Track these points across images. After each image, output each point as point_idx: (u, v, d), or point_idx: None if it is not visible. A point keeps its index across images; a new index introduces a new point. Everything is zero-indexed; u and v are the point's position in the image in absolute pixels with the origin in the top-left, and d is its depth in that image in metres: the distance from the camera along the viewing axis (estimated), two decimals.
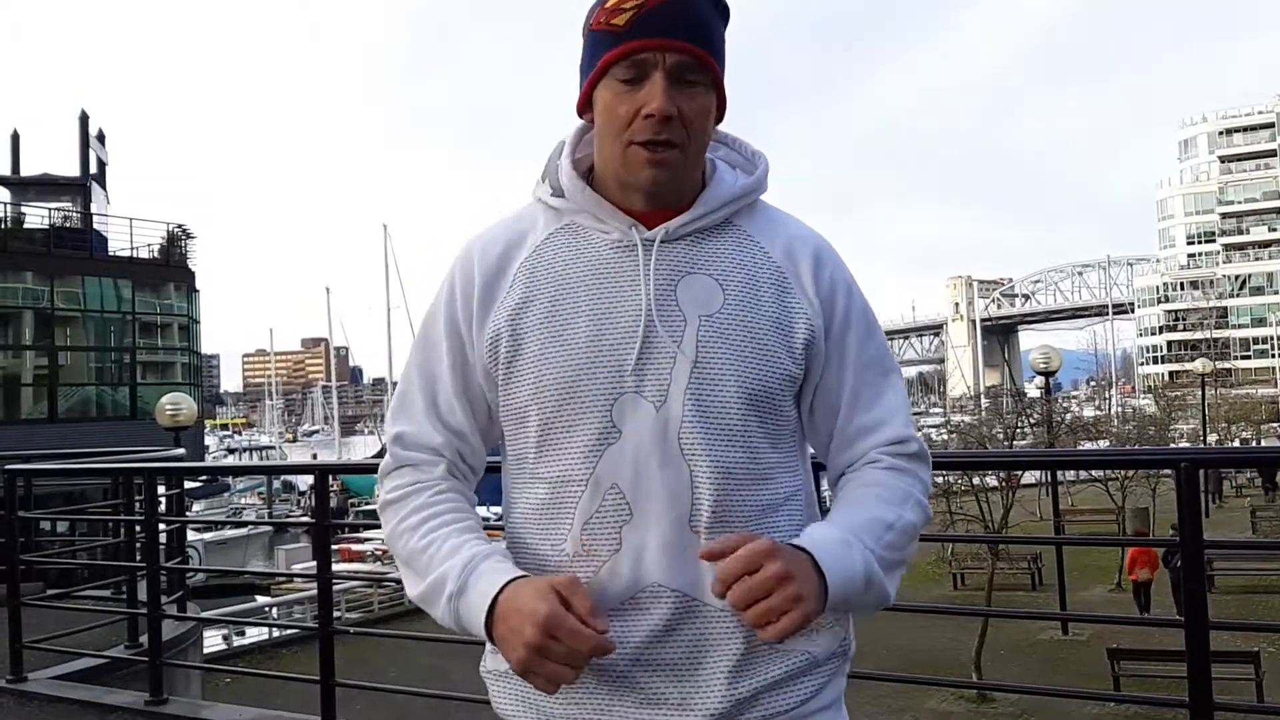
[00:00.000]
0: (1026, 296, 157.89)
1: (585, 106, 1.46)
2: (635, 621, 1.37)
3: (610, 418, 1.37)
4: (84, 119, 29.51)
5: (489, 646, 1.44)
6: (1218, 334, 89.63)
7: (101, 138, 30.99)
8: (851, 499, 1.46)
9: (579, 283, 1.42)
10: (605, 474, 1.37)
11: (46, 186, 29.27)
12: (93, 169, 29.72)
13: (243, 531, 32.56)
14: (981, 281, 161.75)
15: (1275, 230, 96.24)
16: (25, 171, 30.20)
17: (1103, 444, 26.32)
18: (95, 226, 28.50)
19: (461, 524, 1.44)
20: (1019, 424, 23.67)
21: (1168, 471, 3.43)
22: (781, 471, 1.45)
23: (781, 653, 1.39)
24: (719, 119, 1.46)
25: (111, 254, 28.57)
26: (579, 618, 1.26)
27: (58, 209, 28.25)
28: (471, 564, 1.37)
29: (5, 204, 27.86)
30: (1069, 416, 27.45)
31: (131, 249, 28.95)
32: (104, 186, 30.76)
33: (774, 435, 1.44)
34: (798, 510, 1.47)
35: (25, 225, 27.52)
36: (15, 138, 30.33)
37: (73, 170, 29.55)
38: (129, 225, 28.88)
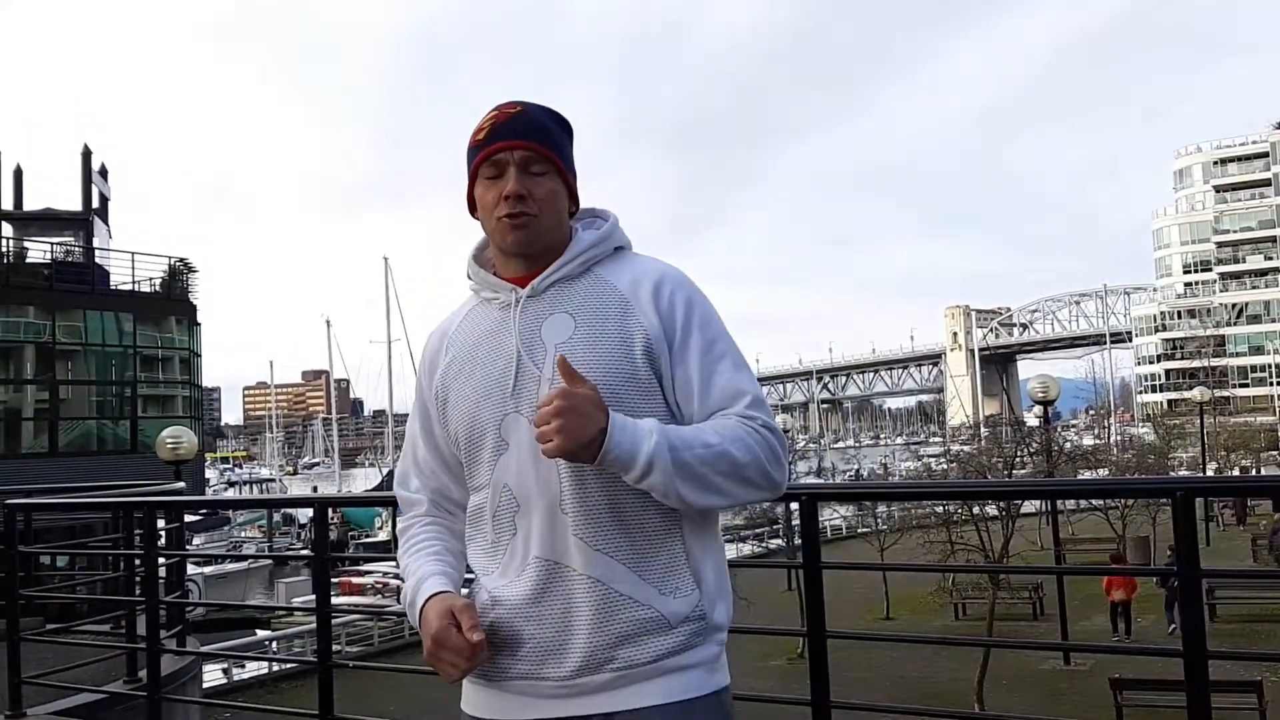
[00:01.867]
0: (1024, 326, 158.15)
1: (472, 208, 1.91)
2: (524, 586, 1.79)
3: (500, 434, 1.83)
4: (86, 154, 29.66)
5: None
6: (1216, 362, 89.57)
7: (104, 173, 31.13)
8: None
9: (478, 340, 1.91)
10: (500, 477, 1.83)
11: (49, 221, 29.36)
12: (95, 204, 29.81)
13: (243, 565, 32.45)
14: (979, 311, 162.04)
15: (1271, 259, 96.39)
16: (28, 206, 30.31)
17: (1102, 473, 26.34)
18: (97, 261, 28.55)
19: (430, 549, 1.93)
20: (1018, 453, 23.63)
21: (1166, 500, 3.42)
22: None
23: (632, 607, 1.74)
24: (574, 201, 1.92)
25: (113, 288, 28.61)
26: (462, 630, 1.71)
27: (60, 243, 28.30)
28: (420, 582, 1.86)
29: (8, 239, 27.93)
30: (1068, 445, 27.43)
31: (133, 283, 29.01)
32: (106, 221, 30.85)
33: None
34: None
35: (28, 260, 27.56)
36: (18, 173, 30.49)
37: (75, 205, 29.65)
38: (131, 259, 28.93)
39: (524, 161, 1.83)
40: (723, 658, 1.84)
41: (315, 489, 72.03)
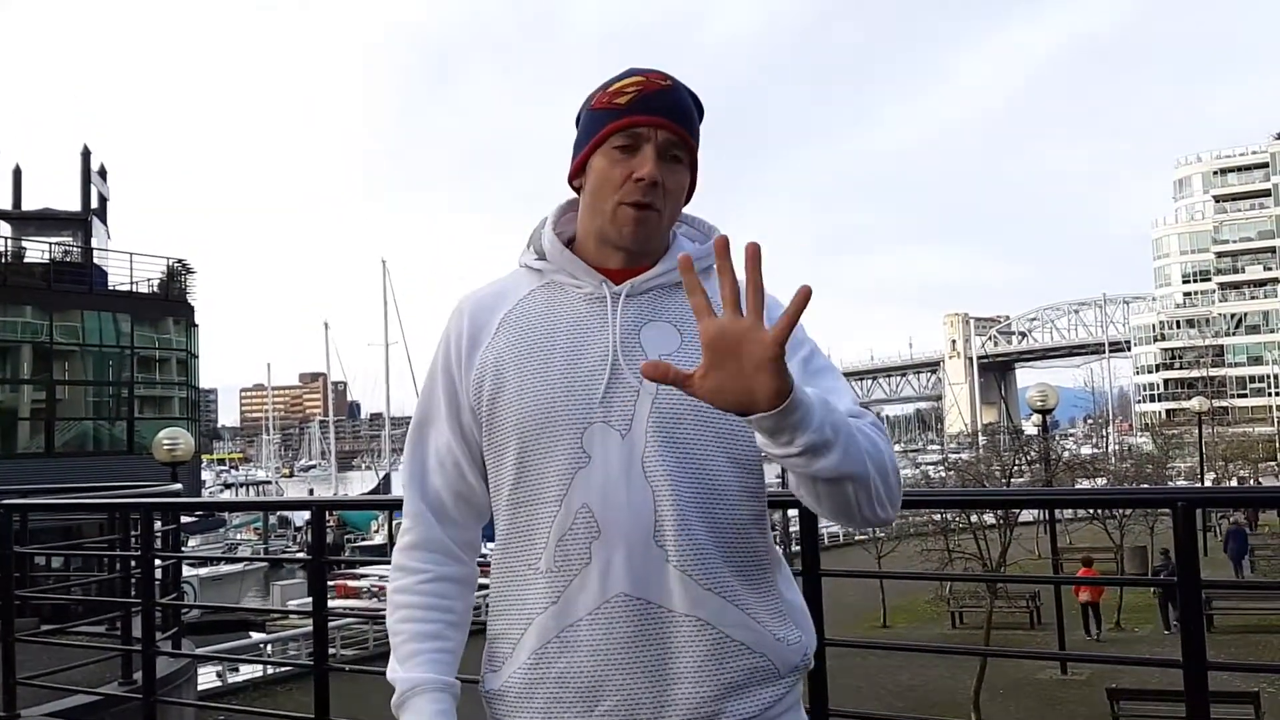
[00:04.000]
0: (1023, 334, 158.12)
1: (578, 173, 1.66)
2: (606, 628, 1.52)
3: (581, 444, 1.55)
4: (85, 154, 29.67)
5: (486, 668, 1.64)
6: (1214, 372, 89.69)
7: (103, 173, 31.13)
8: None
9: (555, 328, 1.62)
10: (577, 495, 1.54)
11: (47, 221, 29.35)
12: (94, 204, 29.82)
13: (238, 567, 32.35)
14: (978, 319, 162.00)
15: (1270, 269, 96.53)
16: (27, 206, 30.30)
17: (1100, 482, 26.28)
18: (95, 261, 28.55)
19: (427, 630, 1.64)
20: (1016, 462, 23.63)
21: (1165, 510, 3.41)
22: (741, 493, 1.58)
23: (744, 654, 1.54)
24: (689, 197, 1.68)
25: (111, 288, 28.61)
26: None
27: (58, 244, 28.31)
28: (410, 692, 1.61)
29: (6, 238, 27.92)
30: (1066, 454, 27.41)
31: (131, 283, 29.00)
32: (105, 221, 30.86)
33: (735, 461, 1.58)
34: (758, 533, 1.61)
35: (26, 260, 27.57)
36: (17, 172, 30.48)
37: (74, 205, 29.66)
38: (129, 260, 28.95)
39: (665, 145, 1.59)
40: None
41: (311, 491, 71.86)
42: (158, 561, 6.43)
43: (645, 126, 1.58)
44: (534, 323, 1.64)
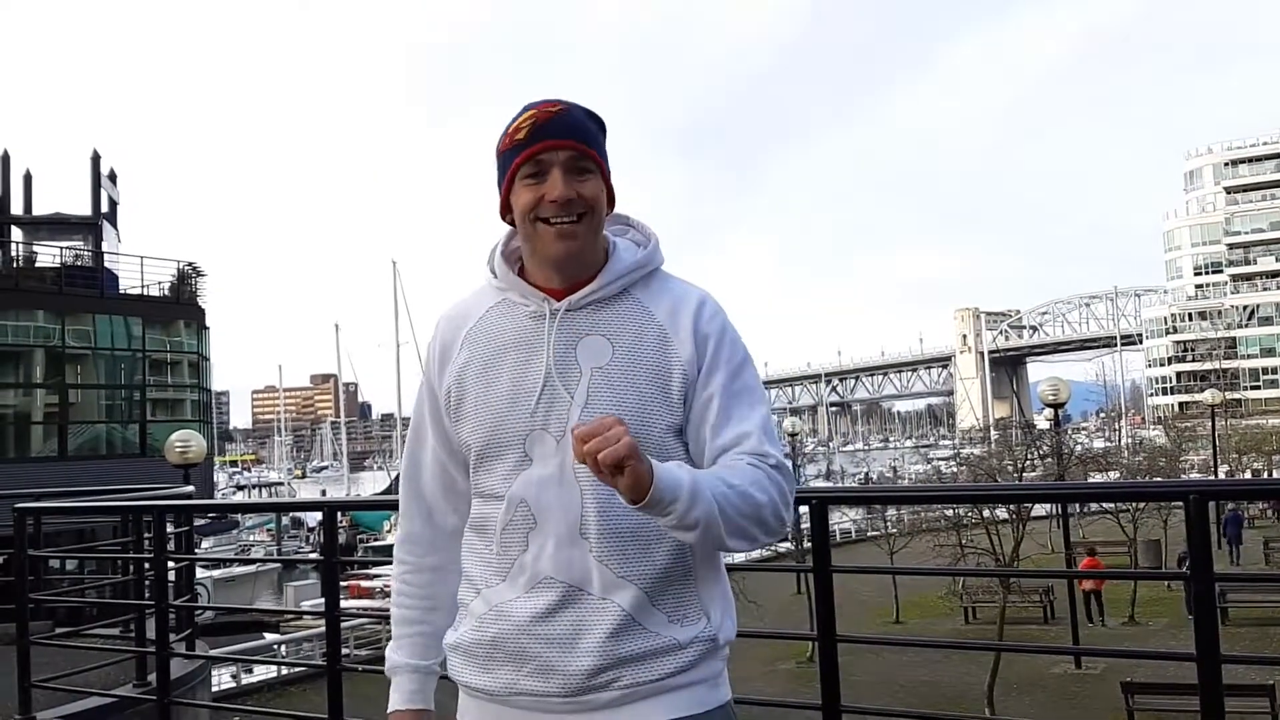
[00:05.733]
0: (1034, 328, 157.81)
1: (505, 211, 1.86)
2: (532, 604, 1.77)
3: (524, 449, 1.80)
4: (96, 159, 29.73)
5: (451, 627, 1.92)
6: (1227, 365, 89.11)
7: (113, 177, 31.19)
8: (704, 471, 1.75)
9: (505, 345, 1.85)
10: (517, 492, 1.79)
11: (58, 226, 29.42)
12: (104, 208, 29.85)
13: (251, 569, 32.51)
14: (989, 313, 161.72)
15: None
16: (37, 211, 30.38)
17: (1113, 476, 26.22)
18: (106, 265, 28.59)
19: (412, 616, 1.98)
20: (1029, 456, 23.56)
21: (1178, 503, 3.39)
22: None
23: (645, 634, 1.75)
24: (611, 203, 1.85)
25: (122, 292, 28.66)
26: None
27: (69, 248, 28.39)
28: (392, 671, 1.97)
29: (18, 243, 28.03)
30: (1079, 448, 27.31)
31: (142, 287, 29.06)
32: (115, 225, 30.93)
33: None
34: None
35: (37, 264, 27.67)
36: (28, 177, 30.56)
37: (84, 209, 29.70)
38: (140, 263, 28.98)
39: (569, 162, 1.77)
40: (725, 673, 1.85)
41: (324, 492, 72.06)
42: (171, 563, 6.44)
43: (546, 151, 1.76)
44: (489, 339, 1.87)
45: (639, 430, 1.68)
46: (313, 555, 34.46)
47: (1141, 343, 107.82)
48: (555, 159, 1.76)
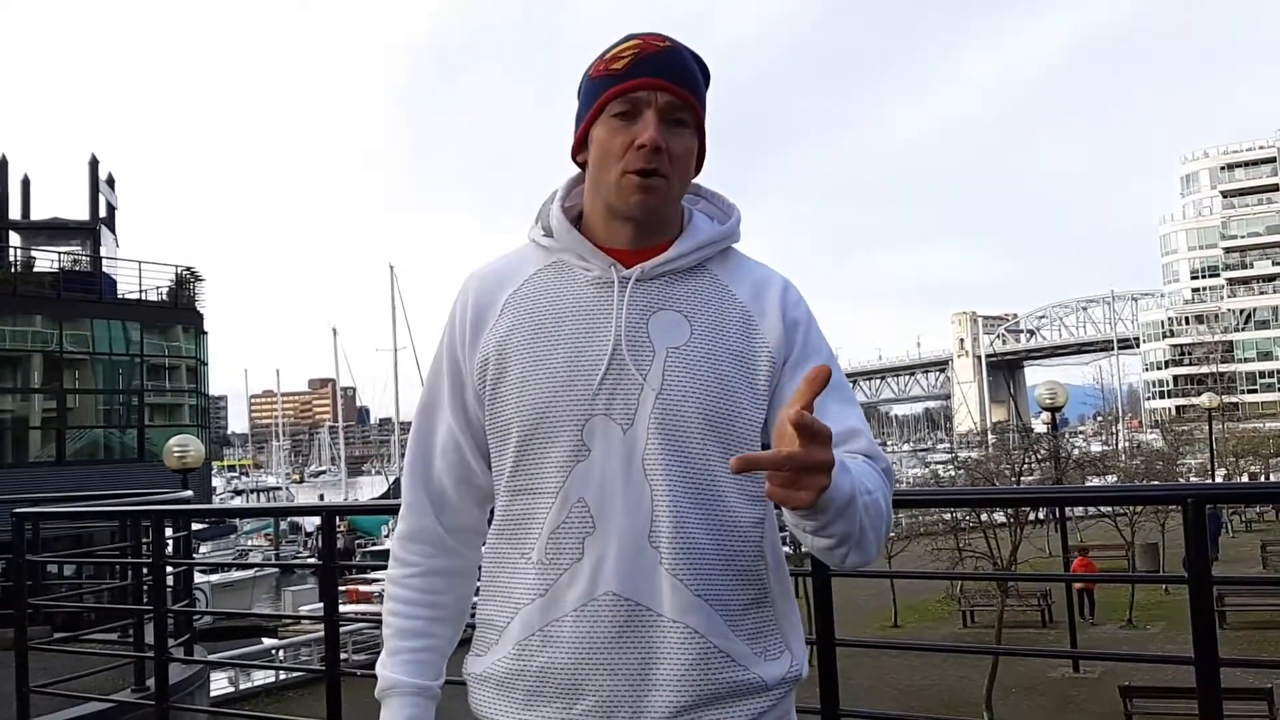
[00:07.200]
0: (1031, 332, 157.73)
1: (579, 148, 1.59)
2: (588, 625, 1.46)
3: (581, 437, 1.49)
4: (94, 164, 29.75)
5: (472, 649, 1.61)
6: (1224, 368, 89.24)
7: (111, 182, 31.21)
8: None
9: (560, 314, 1.55)
10: (574, 488, 1.49)
11: (56, 230, 29.44)
12: (102, 213, 29.88)
13: (249, 573, 32.47)
14: (986, 317, 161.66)
15: (1279, 264, 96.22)
16: (35, 215, 30.40)
17: (1110, 479, 26.21)
18: (104, 270, 28.61)
19: (412, 628, 1.64)
20: (1026, 460, 23.56)
21: (1175, 506, 3.42)
22: (741, 498, 1.52)
23: (729, 667, 1.48)
24: (699, 166, 1.60)
25: (120, 297, 28.68)
26: None
27: (67, 253, 28.41)
28: (388, 691, 1.61)
29: (15, 248, 28.03)
30: (1076, 452, 27.32)
31: (140, 292, 29.06)
32: (113, 230, 30.94)
33: None
34: (759, 539, 1.54)
35: (35, 269, 27.68)
36: (26, 182, 30.57)
37: (82, 214, 29.73)
38: (138, 268, 29.01)
39: (667, 108, 1.51)
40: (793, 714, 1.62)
41: (322, 497, 72.12)
42: (169, 568, 6.44)
43: (644, 90, 1.51)
44: (540, 306, 1.57)
45: (723, 424, 1.49)
46: (311, 560, 34.42)
47: (1138, 346, 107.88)
48: (652, 100, 1.51)
